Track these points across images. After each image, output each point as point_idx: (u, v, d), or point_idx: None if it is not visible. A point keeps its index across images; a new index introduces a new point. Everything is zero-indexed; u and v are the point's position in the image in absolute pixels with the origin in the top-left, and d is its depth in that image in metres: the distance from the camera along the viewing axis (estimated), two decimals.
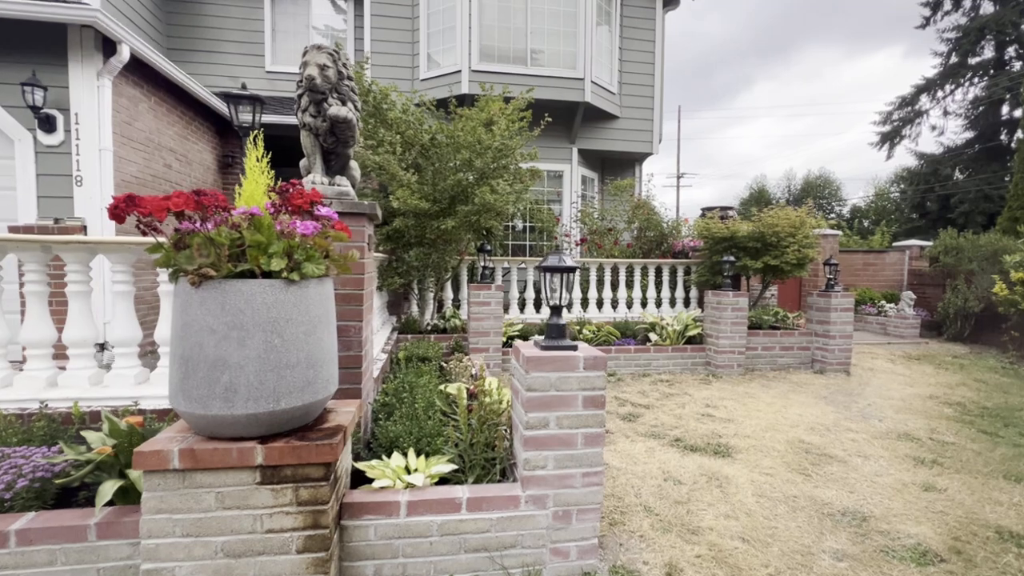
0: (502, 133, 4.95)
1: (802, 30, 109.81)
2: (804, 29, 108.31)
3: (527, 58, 8.80)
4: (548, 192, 9.66)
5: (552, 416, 2.08)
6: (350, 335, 2.67)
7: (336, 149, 2.75)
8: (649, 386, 5.13)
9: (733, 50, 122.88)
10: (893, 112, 23.12)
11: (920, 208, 24.85)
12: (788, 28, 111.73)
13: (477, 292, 5.23)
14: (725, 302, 5.75)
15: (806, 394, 5.03)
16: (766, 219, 6.21)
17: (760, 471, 3.16)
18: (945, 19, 20.52)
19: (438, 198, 4.86)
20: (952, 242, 9.83)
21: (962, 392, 5.33)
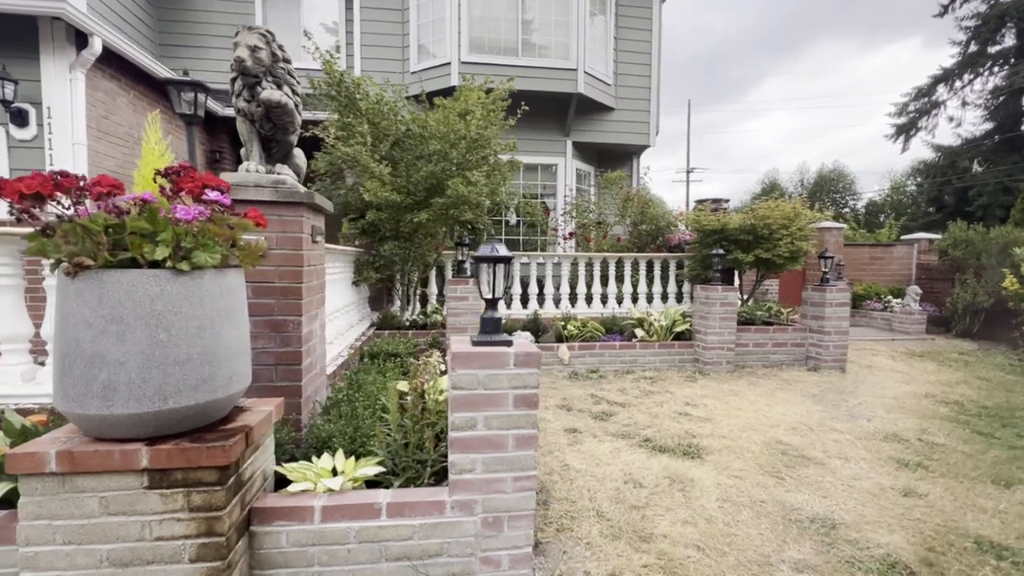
0: (477, 123, 4.80)
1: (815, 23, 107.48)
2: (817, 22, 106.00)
3: (518, 48, 8.63)
4: (543, 186, 9.50)
5: (480, 416, 1.95)
6: (288, 330, 2.56)
7: (275, 136, 2.63)
8: (631, 383, 4.97)
9: (745, 44, 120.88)
10: (909, 103, 22.49)
11: (937, 202, 24.24)
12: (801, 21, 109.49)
13: (455, 287, 5.10)
14: (713, 296, 5.56)
15: (794, 392, 4.83)
16: (758, 211, 6.00)
17: (729, 474, 3.00)
18: (964, 7, 19.86)
19: (412, 190, 4.73)
20: (961, 235, 9.48)
21: (962, 390, 5.09)
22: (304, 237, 2.58)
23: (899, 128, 23.10)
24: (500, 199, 6.66)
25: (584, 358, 5.60)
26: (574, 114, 9.16)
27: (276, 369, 2.57)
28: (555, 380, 5.00)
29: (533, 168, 9.44)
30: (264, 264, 2.51)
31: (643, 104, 9.80)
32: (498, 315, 2.11)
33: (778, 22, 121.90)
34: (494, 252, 2.04)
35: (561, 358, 5.51)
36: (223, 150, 7.91)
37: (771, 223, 5.77)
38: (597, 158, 10.57)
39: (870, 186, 47.71)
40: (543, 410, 4.01)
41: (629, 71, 9.72)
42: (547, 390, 4.60)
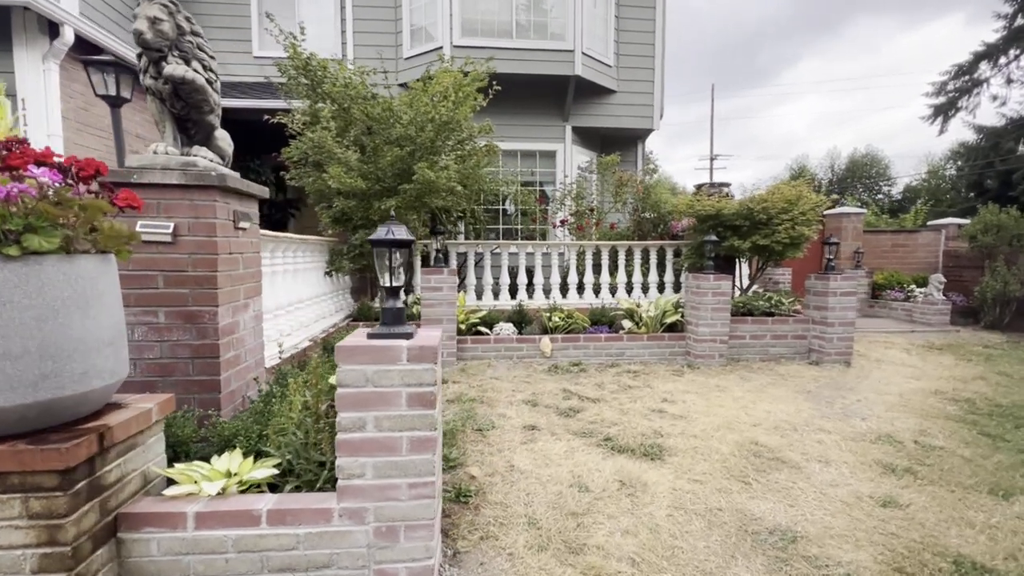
0: (447, 106, 4.58)
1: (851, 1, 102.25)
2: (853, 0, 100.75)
3: (512, 30, 8.33)
4: (541, 173, 9.21)
5: (370, 416, 1.76)
6: (203, 321, 2.42)
7: (190, 116, 2.48)
8: (612, 377, 4.72)
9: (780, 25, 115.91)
10: (948, 82, 21.03)
11: (978, 186, 22.88)
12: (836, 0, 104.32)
13: (428, 277, 4.92)
14: (705, 286, 5.24)
15: (787, 388, 4.51)
16: (758, 196, 5.62)
17: (690, 478, 2.75)
18: None
19: (380, 177, 4.56)
20: (993, 219, 8.82)
21: (976, 387, 4.68)
22: (219, 223, 2.43)
23: (937, 108, 21.68)
24: (484, 186, 6.45)
25: (567, 351, 5.37)
26: (573, 98, 8.82)
27: (192, 362, 2.44)
28: (532, 374, 4.79)
29: (531, 155, 9.17)
30: (175, 251, 2.38)
31: (646, 86, 9.39)
32: (400, 304, 1.92)
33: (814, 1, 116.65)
34: (389, 235, 1.84)
35: (543, 351, 5.29)
36: None
37: (769, 207, 5.40)
38: (600, 144, 10.20)
39: (906, 171, 45.33)
40: (506, 406, 3.82)
41: (631, 52, 9.31)
42: (519, 384, 4.40)
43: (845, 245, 10.26)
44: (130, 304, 2.37)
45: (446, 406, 3.79)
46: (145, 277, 2.37)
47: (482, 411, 3.68)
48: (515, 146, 9.01)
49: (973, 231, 9.18)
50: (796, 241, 5.55)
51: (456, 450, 2.97)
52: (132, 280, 2.36)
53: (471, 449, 3.03)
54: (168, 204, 2.36)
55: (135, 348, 2.39)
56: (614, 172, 7.63)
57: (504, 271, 6.50)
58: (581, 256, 6.75)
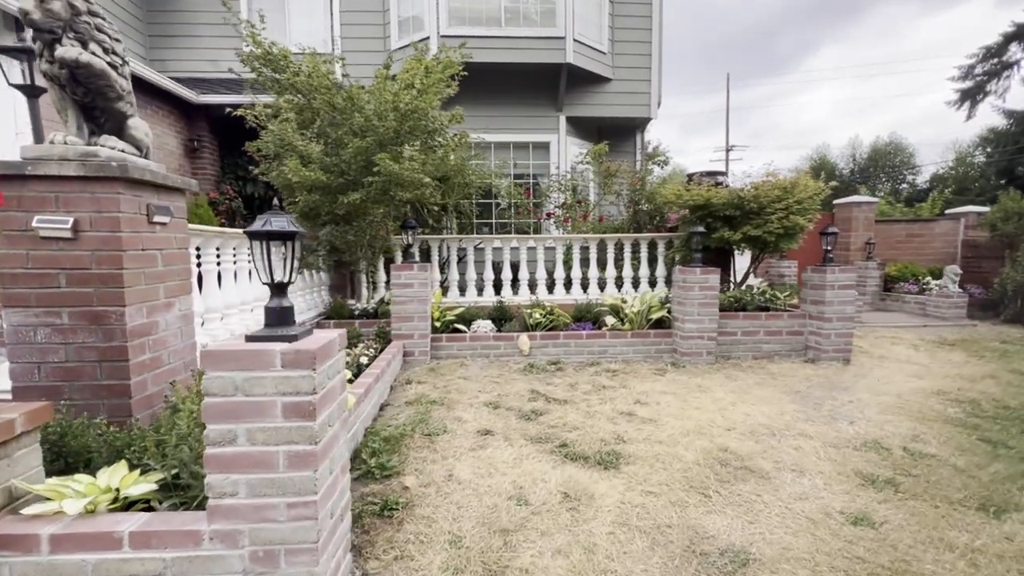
0: (411, 94, 4.38)
1: None
2: None
3: (501, 18, 8.08)
4: (535, 165, 8.96)
5: (241, 428, 1.58)
6: (110, 322, 2.27)
7: (96, 103, 2.32)
8: (589, 377, 4.49)
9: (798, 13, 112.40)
10: (976, 65, 19.98)
11: (1008, 173, 21.93)
12: None
13: (398, 273, 4.74)
14: (691, 280, 4.96)
15: (775, 388, 4.22)
16: (751, 184, 5.31)
17: (643, 489, 2.52)
18: None
19: (344, 169, 4.38)
20: (1013, 206, 8.31)
21: (984, 387, 4.32)
22: (124, 217, 2.27)
23: (964, 93, 20.60)
24: (468, 178, 6.24)
25: (547, 348, 5.15)
26: (566, 87, 8.53)
27: (100, 366, 2.29)
28: (505, 373, 4.58)
29: (524, 146, 8.92)
30: (77, 248, 2.23)
31: (643, 73, 9.05)
32: (286, 303, 1.73)
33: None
34: (267, 226, 1.65)
35: (521, 349, 5.08)
36: (202, 138, 7.83)
37: (761, 196, 5.08)
38: (597, 134, 9.88)
39: (932, 159, 43.75)
40: (465, 408, 3.62)
41: (626, 38, 8.97)
42: (487, 385, 4.20)
43: (856, 236, 9.81)
44: (31, 304, 2.23)
45: (402, 408, 3.61)
46: (46, 275, 2.22)
47: (438, 414, 3.49)
48: (507, 138, 8.79)
49: (993, 219, 8.67)
50: (790, 231, 5.23)
51: (397, 457, 2.79)
52: (32, 279, 2.22)
53: (414, 456, 2.84)
54: (67, 197, 2.21)
55: (38, 351, 2.26)
56: (601, 162, 7.34)
57: (488, 266, 6.30)
58: (568, 250, 6.50)
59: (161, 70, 8.72)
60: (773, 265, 9.65)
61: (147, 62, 8.80)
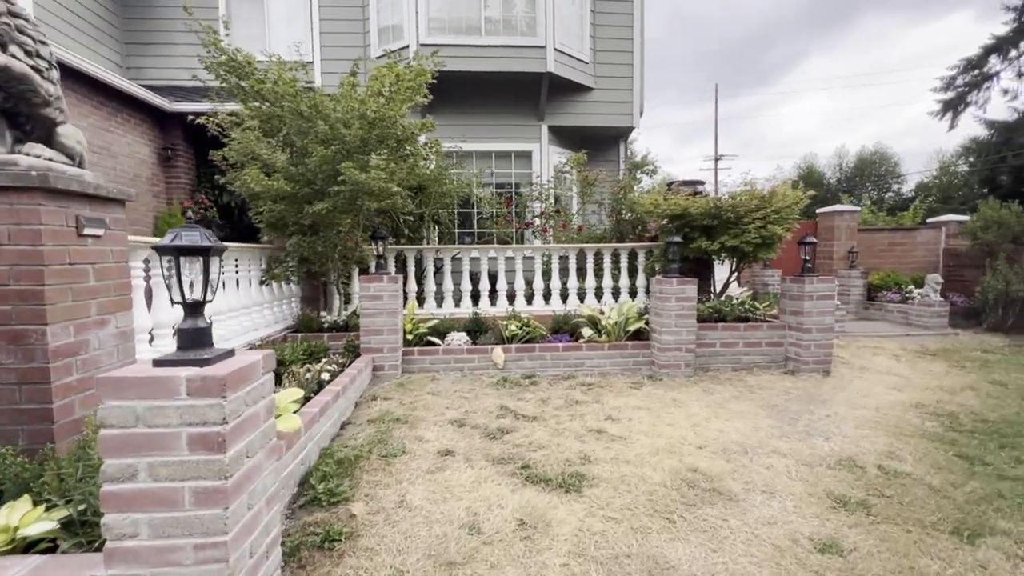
0: (379, 102, 4.28)
1: None
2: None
3: (481, 27, 8.04)
4: (517, 174, 8.89)
5: (143, 463, 1.44)
6: (31, 342, 2.12)
7: (19, 109, 2.19)
8: (562, 392, 4.36)
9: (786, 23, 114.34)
10: (957, 77, 20.37)
11: (990, 182, 22.32)
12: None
13: (366, 285, 4.61)
14: (668, 291, 4.87)
15: (751, 402, 4.12)
16: (731, 193, 5.25)
17: (605, 515, 2.39)
18: None
19: (310, 179, 4.26)
20: (993, 215, 8.34)
21: (964, 399, 4.25)
22: (47, 230, 2.13)
23: (946, 104, 20.98)
24: (445, 187, 6.14)
25: (522, 361, 5.02)
26: (547, 96, 8.50)
27: (20, 389, 2.13)
28: (476, 388, 4.45)
29: (506, 155, 8.85)
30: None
31: (625, 83, 9.04)
32: (201, 324, 1.60)
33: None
34: (178, 241, 1.52)
35: (495, 362, 4.95)
36: (176, 147, 7.68)
37: (737, 205, 5.02)
38: (580, 143, 9.83)
39: (917, 168, 44.50)
40: (429, 427, 3.48)
41: (608, 47, 8.97)
42: (456, 401, 4.06)
43: (839, 244, 9.82)
44: None
45: (363, 427, 3.46)
46: None
47: (399, 433, 3.34)
48: (489, 147, 8.72)
49: (973, 228, 8.70)
50: (768, 241, 5.16)
51: (348, 482, 2.64)
52: None
53: (367, 480, 2.70)
54: None
55: None
56: (581, 171, 7.28)
57: (465, 277, 6.18)
58: (547, 260, 6.41)
59: (137, 78, 8.59)
60: (757, 274, 9.63)
61: (123, 70, 8.67)
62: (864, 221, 11.58)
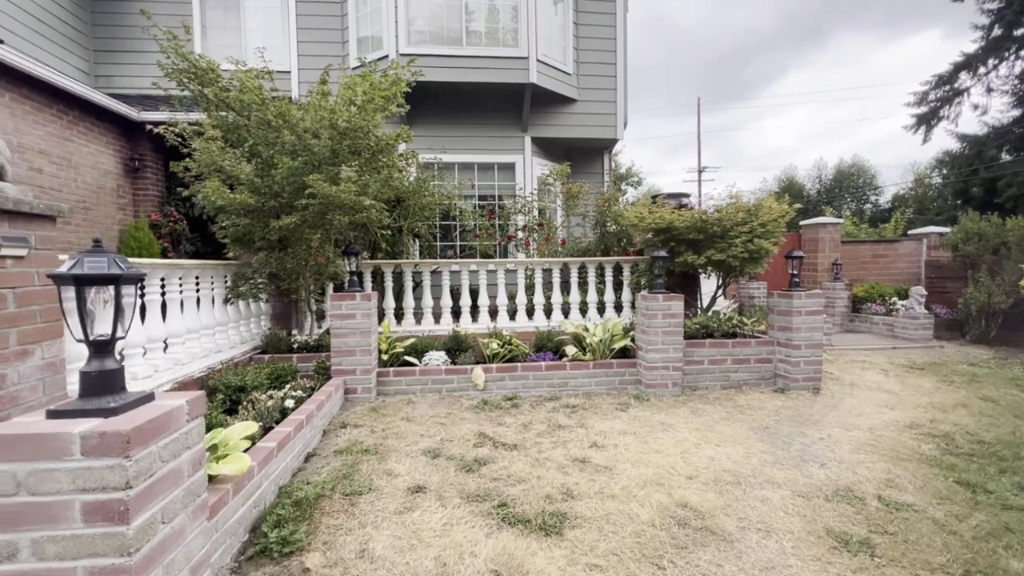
0: (351, 111, 4.07)
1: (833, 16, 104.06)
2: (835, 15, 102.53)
3: (463, 38, 7.92)
4: (501, 186, 8.72)
5: (25, 539, 1.19)
6: None
7: None
8: (545, 414, 4.14)
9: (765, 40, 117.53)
10: (929, 92, 21.11)
11: (963, 194, 22.94)
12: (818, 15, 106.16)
13: (338, 303, 4.36)
14: (654, 307, 4.70)
15: (742, 424, 3.94)
16: (716, 206, 5.13)
17: (589, 562, 2.17)
18: None
19: (278, 191, 4.02)
20: (973, 227, 8.39)
21: (958, 417, 4.13)
22: None
23: (920, 118, 21.76)
24: (423, 200, 5.94)
25: (503, 382, 4.80)
26: (530, 107, 8.39)
27: None
28: (454, 412, 4.20)
29: (489, 167, 8.69)
30: None
31: (608, 94, 8.97)
32: (109, 366, 1.36)
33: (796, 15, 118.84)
34: (78, 269, 1.28)
35: (475, 383, 4.72)
36: (144, 158, 7.37)
37: (723, 219, 4.90)
38: (564, 155, 9.75)
39: (893, 181, 45.64)
40: (401, 458, 3.23)
41: (592, 59, 8.92)
42: (431, 427, 3.81)
43: (823, 256, 9.82)
44: None
45: (329, 459, 3.20)
46: None
47: (367, 467, 3.09)
48: (472, 158, 8.56)
49: (954, 240, 8.74)
50: (755, 255, 5.04)
51: (306, 527, 2.38)
52: None
53: (327, 524, 2.44)
54: None
55: None
56: (564, 183, 7.13)
57: (446, 292, 5.96)
58: (531, 274, 6.22)
59: (106, 86, 8.29)
60: (743, 287, 9.56)
61: (91, 78, 8.36)
62: (847, 233, 11.65)
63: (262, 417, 3.20)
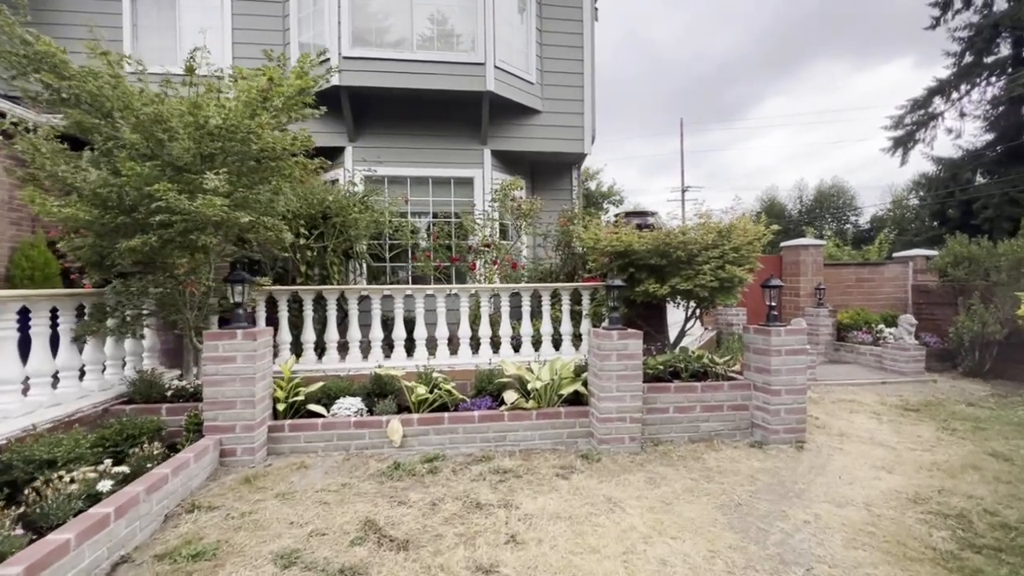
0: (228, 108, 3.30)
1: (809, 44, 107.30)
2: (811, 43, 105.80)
3: (412, 41, 7.25)
4: (457, 203, 7.97)
5: None
6: None
7: None
8: (466, 486, 3.30)
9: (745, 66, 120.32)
10: (905, 116, 21.40)
11: (940, 216, 23.06)
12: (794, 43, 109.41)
13: (214, 343, 3.51)
14: (607, 346, 3.93)
15: (709, 500, 3.14)
16: (681, 227, 4.41)
17: None
18: (957, 18, 19.19)
19: (131, 205, 3.20)
20: (962, 250, 7.84)
21: (969, 485, 3.39)
22: None
23: (896, 141, 22.10)
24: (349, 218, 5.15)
25: (427, 436, 3.96)
26: (489, 117, 7.71)
27: None
28: (354, 481, 3.34)
29: (445, 182, 7.95)
30: None
31: (575, 106, 8.35)
32: None
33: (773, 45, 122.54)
34: None
35: (391, 439, 3.87)
36: None
37: (689, 242, 4.18)
38: (530, 171, 9.09)
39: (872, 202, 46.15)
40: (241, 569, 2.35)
41: (557, 68, 8.31)
42: (311, 508, 2.95)
43: (805, 280, 9.21)
44: None
45: (143, 568, 2.32)
46: None
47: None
48: (426, 172, 7.81)
49: (943, 264, 8.19)
50: (727, 285, 4.33)
51: None
52: None
53: None
54: None
55: None
56: (512, 199, 6.41)
57: (376, 324, 5.13)
58: (476, 303, 5.44)
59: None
60: (720, 313, 8.88)
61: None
62: (829, 255, 11.11)
63: (54, 512, 2.32)
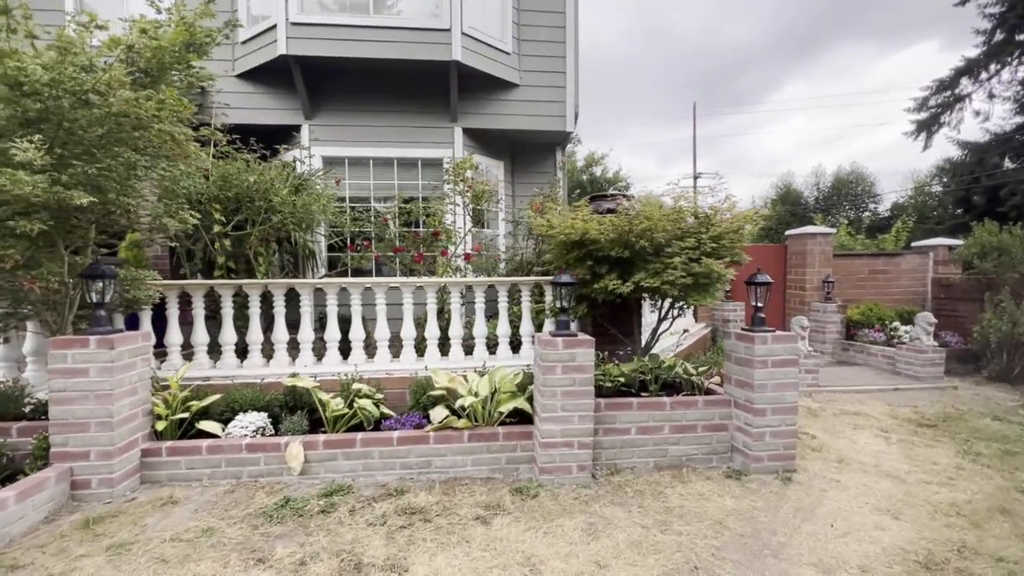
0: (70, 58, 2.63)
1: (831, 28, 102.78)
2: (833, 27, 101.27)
3: (369, 4, 6.50)
4: (425, 186, 7.25)
5: None
6: None
7: None
8: (361, 531, 2.66)
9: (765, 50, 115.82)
10: (930, 98, 20.01)
11: (964, 203, 21.89)
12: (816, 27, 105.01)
13: (61, 352, 2.89)
14: (551, 356, 3.23)
15: (659, 558, 2.45)
16: (644, 211, 3.65)
17: None
18: None
19: None
20: (992, 239, 6.94)
21: (999, 541, 2.66)
22: None
23: (920, 124, 20.78)
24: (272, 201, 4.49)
25: (335, 462, 3.32)
26: (459, 91, 6.96)
27: None
28: (222, 524, 2.71)
29: (411, 163, 7.25)
30: None
31: (557, 79, 7.53)
32: None
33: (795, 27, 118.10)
34: None
35: (290, 465, 3.24)
36: None
37: (655, 227, 3.43)
38: (510, 151, 8.32)
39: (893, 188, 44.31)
40: None
41: (537, 37, 7.48)
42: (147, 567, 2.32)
43: (812, 272, 8.36)
44: None
45: None
46: None
47: None
48: (389, 152, 7.11)
49: (968, 255, 7.30)
50: (703, 281, 3.57)
51: None
52: None
53: None
54: None
55: None
56: (464, 179, 5.68)
57: (308, 320, 4.49)
58: (420, 297, 4.77)
59: None
60: (716, 308, 8.11)
61: None
62: (841, 244, 10.21)
63: None
